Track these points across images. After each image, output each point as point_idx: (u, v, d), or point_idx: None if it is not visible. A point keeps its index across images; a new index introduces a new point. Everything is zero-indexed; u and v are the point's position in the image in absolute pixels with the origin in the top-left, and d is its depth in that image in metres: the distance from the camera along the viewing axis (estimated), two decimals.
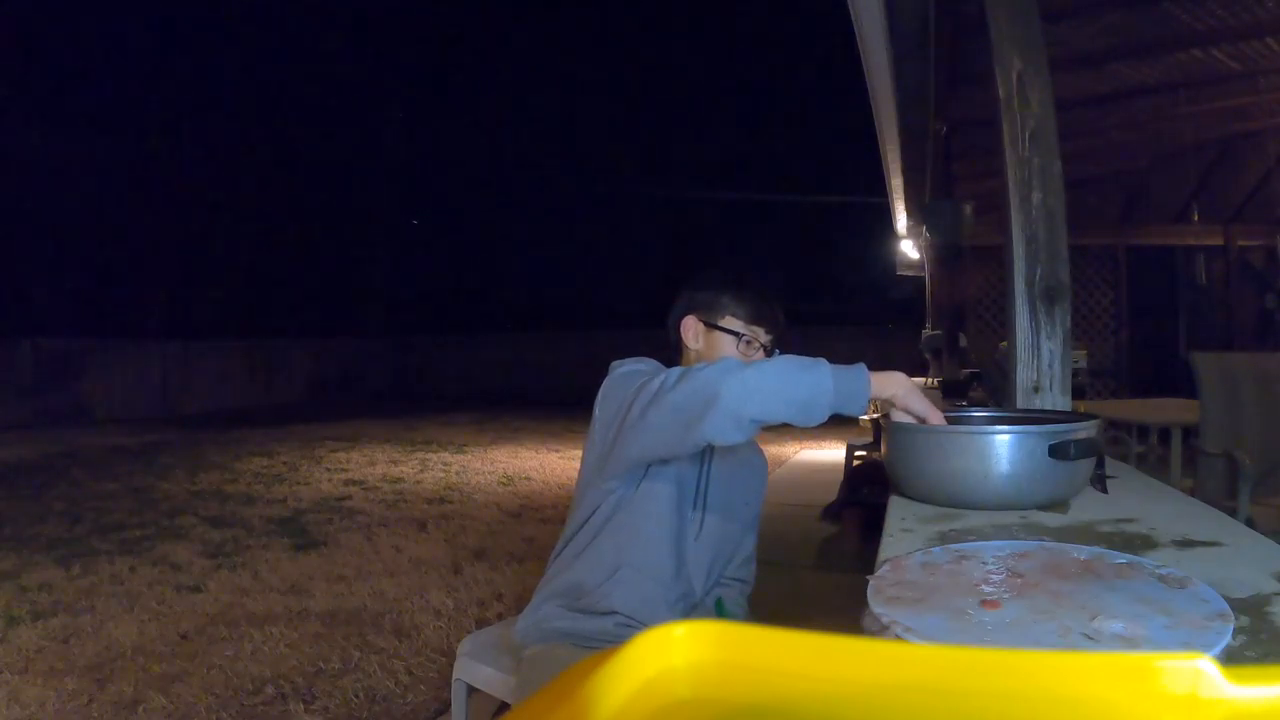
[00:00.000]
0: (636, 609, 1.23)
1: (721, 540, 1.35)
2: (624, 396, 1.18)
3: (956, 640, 0.55)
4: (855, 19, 3.04)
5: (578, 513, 1.32)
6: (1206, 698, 0.29)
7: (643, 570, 1.24)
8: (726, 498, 1.34)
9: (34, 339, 11.65)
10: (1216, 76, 4.52)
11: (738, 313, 1.35)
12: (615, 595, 1.23)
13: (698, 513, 1.30)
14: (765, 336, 1.35)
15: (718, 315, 1.35)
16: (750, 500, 1.41)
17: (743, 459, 1.40)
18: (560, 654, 1.24)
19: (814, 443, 8.60)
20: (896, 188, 6.06)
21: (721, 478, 1.34)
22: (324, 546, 4.14)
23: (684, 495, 1.29)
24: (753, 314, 1.35)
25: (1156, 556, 0.79)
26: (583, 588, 1.26)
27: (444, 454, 7.84)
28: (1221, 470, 2.40)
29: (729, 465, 1.36)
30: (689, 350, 1.38)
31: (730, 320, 1.35)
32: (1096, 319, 7.76)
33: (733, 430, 1.01)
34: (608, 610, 1.23)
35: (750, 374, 1.00)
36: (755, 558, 1.46)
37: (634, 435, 1.14)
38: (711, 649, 0.34)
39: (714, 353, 1.35)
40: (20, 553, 4.02)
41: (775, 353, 1.37)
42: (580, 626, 1.25)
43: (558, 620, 1.27)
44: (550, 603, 1.30)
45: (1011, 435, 1.00)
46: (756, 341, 1.35)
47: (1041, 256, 1.61)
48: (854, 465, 4.98)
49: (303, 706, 2.27)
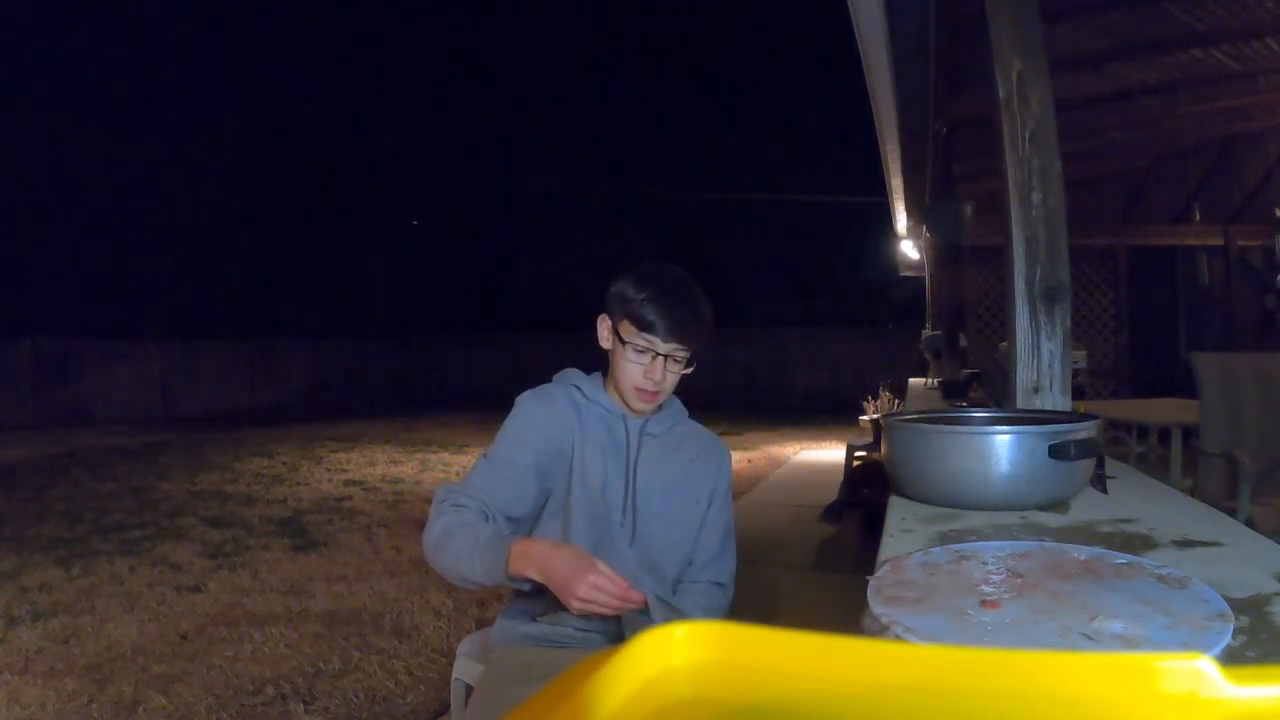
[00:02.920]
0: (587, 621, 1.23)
1: (666, 543, 1.31)
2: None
3: (956, 640, 0.55)
4: (855, 19, 3.04)
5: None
6: (1206, 698, 0.29)
7: None
8: (660, 502, 1.31)
9: (34, 339, 11.65)
10: (1216, 76, 4.52)
11: (633, 317, 1.24)
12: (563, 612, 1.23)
13: (628, 520, 1.29)
14: (664, 345, 1.24)
15: (617, 318, 1.27)
16: (699, 500, 1.35)
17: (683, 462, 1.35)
18: (524, 654, 1.26)
19: (814, 443, 8.60)
20: (896, 188, 6.06)
21: (651, 485, 1.31)
22: (324, 547, 4.14)
23: (609, 506, 1.28)
24: (650, 321, 1.23)
25: (1156, 556, 0.79)
26: (535, 602, 1.28)
27: (444, 454, 7.84)
28: (1221, 470, 2.40)
29: (661, 472, 1.32)
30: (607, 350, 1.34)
31: (625, 325, 1.26)
32: (1096, 319, 7.76)
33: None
34: (564, 623, 1.26)
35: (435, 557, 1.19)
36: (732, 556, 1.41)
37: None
38: (711, 649, 0.34)
39: (615, 356, 1.30)
40: (20, 553, 4.02)
41: (691, 365, 1.29)
42: (544, 632, 1.28)
43: (523, 626, 1.31)
44: (515, 612, 1.33)
45: (1011, 435, 1.00)
46: (652, 351, 1.24)
47: (1041, 256, 1.60)
48: (854, 465, 4.98)
49: (303, 707, 2.27)
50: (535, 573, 1.09)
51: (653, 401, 1.30)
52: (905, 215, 6.86)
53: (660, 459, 1.33)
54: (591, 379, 1.38)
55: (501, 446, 1.28)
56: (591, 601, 1.03)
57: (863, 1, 2.88)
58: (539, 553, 1.10)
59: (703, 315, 1.27)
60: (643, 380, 1.26)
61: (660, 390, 1.28)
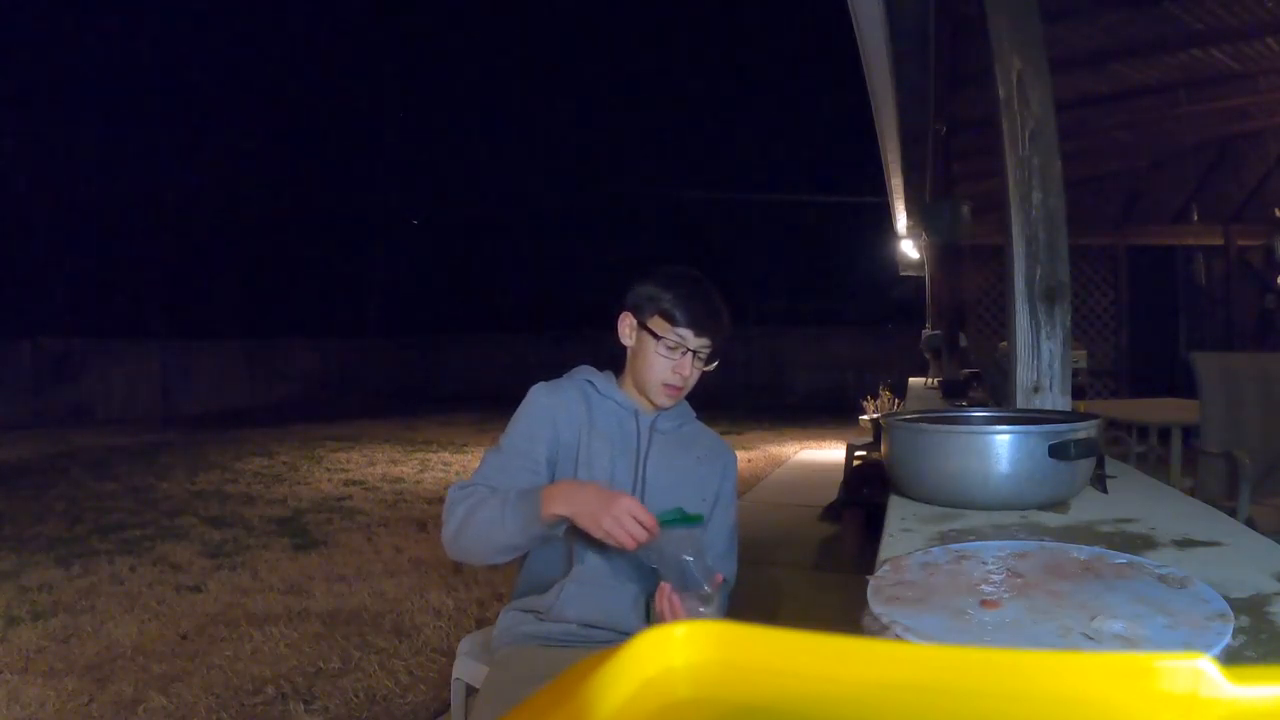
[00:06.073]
0: (593, 616, 1.26)
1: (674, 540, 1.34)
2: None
3: (956, 640, 0.55)
4: (855, 19, 3.03)
5: None
6: (1206, 698, 0.29)
7: (585, 582, 1.28)
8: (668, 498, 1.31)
9: (34, 339, 11.64)
10: (1216, 76, 4.52)
11: (665, 314, 1.29)
12: (569, 608, 1.27)
13: None
14: (695, 341, 1.29)
15: (646, 315, 1.32)
16: (705, 498, 1.36)
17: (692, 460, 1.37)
18: (528, 654, 1.27)
19: (814, 443, 8.60)
20: (896, 188, 6.06)
21: (660, 480, 1.32)
22: (324, 546, 4.14)
23: None
24: (679, 315, 1.29)
25: (1156, 556, 0.79)
26: (539, 601, 1.29)
27: (444, 454, 7.84)
28: (1221, 470, 2.40)
29: (670, 468, 1.34)
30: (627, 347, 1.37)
31: (656, 321, 1.30)
32: (1096, 319, 7.76)
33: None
34: (567, 620, 1.27)
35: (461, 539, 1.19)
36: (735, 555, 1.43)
37: None
38: (711, 649, 0.34)
39: (641, 352, 1.33)
40: (20, 553, 4.02)
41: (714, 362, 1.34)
42: (547, 630, 1.29)
43: (524, 625, 1.31)
44: (518, 610, 1.34)
45: (1011, 435, 1.00)
46: (683, 346, 1.29)
47: (1041, 256, 1.60)
48: (854, 465, 4.98)
49: (303, 706, 2.27)
50: (565, 507, 1.12)
51: (677, 397, 1.34)
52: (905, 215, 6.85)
53: (669, 455, 1.35)
54: (605, 375, 1.40)
55: (511, 437, 1.31)
56: (618, 527, 1.08)
57: (862, 1, 2.88)
58: (567, 488, 1.15)
59: (726, 314, 1.34)
60: (671, 376, 1.31)
61: (685, 386, 1.33)
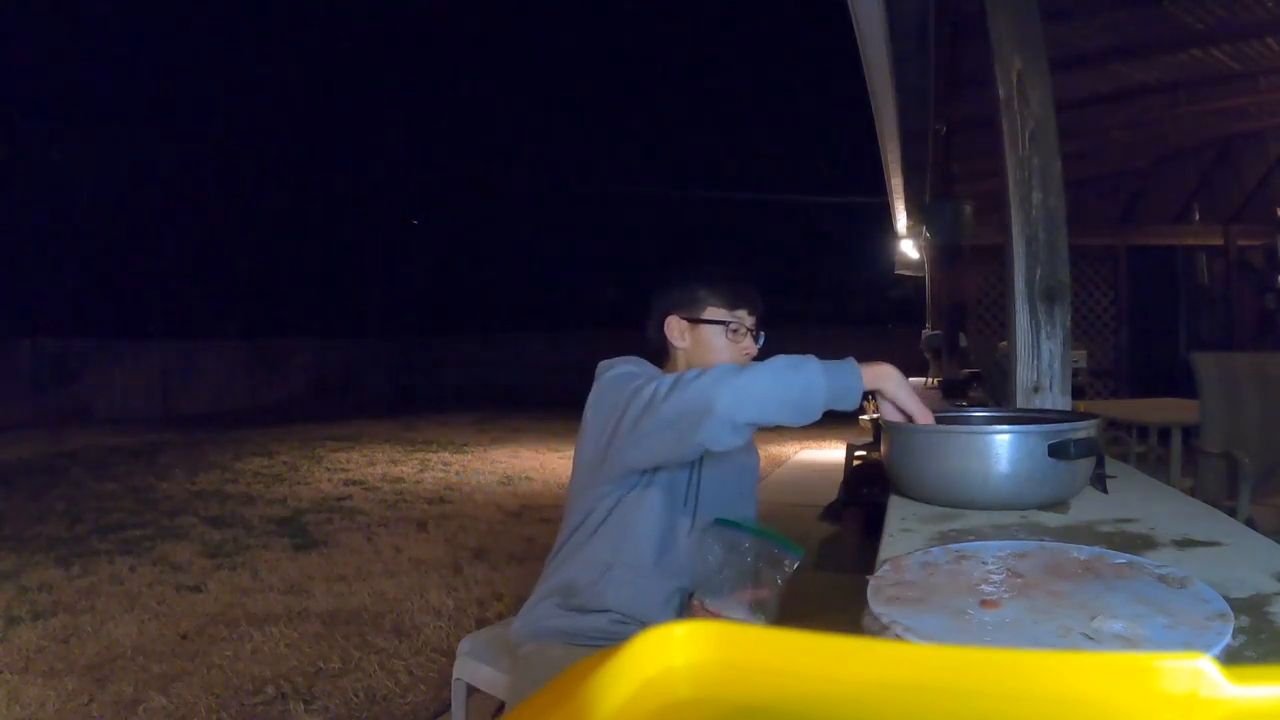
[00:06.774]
0: (629, 606, 1.24)
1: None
2: (616, 402, 1.19)
3: (956, 640, 0.55)
4: (855, 19, 3.03)
5: (573, 515, 1.33)
6: (1206, 698, 0.29)
7: (635, 568, 1.26)
8: (718, 495, 1.34)
9: (34, 339, 11.64)
10: (1216, 76, 4.52)
11: (717, 302, 1.36)
12: (609, 593, 1.24)
13: (689, 510, 1.31)
14: (749, 319, 1.37)
15: (698, 309, 1.36)
16: (745, 495, 1.41)
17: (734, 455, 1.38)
18: (554, 653, 1.25)
19: (814, 443, 8.59)
20: (896, 188, 6.05)
21: (713, 475, 1.33)
22: (324, 546, 4.14)
23: (675, 494, 1.30)
24: (732, 299, 1.36)
25: (1156, 556, 0.79)
26: (576, 586, 1.27)
27: (444, 454, 7.84)
28: (1221, 470, 2.40)
29: (720, 463, 1.35)
30: (676, 350, 1.38)
31: (712, 311, 1.36)
32: (1096, 319, 7.75)
33: (729, 436, 1.04)
34: (601, 608, 1.25)
35: (743, 380, 1.02)
36: None
37: (629, 444, 1.16)
38: (711, 649, 0.34)
39: (703, 347, 1.36)
40: (20, 553, 4.02)
41: (761, 335, 1.39)
42: (575, 624, 1.26)
43: (552, 619, 1.28)
44: (546, 602, 1.30)
45: (1011, 435, 1.00)
46: (743, 326, 1.36)
47: (1041, 256, 1.60)
48: (854, 465, 4.98)
49: (303, 706, 2.27)
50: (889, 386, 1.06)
51: None
52: (905, 215, 6.85)
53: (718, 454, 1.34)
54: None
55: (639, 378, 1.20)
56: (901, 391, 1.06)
57: (862, 1, 2.88)
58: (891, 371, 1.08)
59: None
60: (740, 356, 1.35)
61: None
